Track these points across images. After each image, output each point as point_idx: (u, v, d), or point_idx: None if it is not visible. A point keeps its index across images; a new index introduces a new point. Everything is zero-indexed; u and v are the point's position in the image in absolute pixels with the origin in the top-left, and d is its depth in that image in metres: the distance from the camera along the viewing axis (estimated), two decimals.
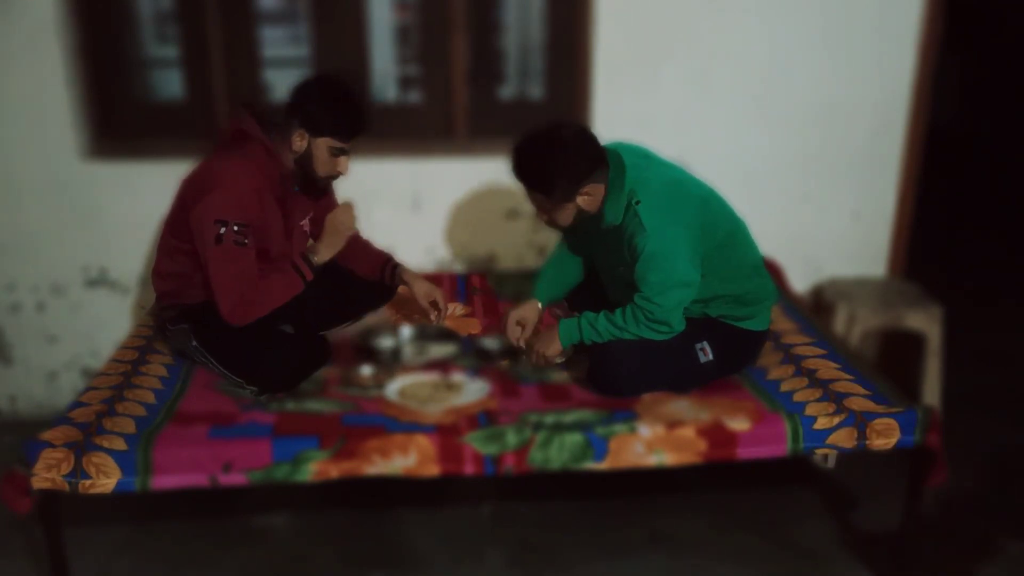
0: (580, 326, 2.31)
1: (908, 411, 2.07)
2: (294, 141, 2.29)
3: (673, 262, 2.20)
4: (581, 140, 2.24)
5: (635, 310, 2.24)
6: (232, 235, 2.20)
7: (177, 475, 1.95)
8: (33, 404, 3.22)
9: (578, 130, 2.28)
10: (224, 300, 2.23)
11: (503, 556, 2.38)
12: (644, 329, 2.24)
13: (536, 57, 3.70)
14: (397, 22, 4.84)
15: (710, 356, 2.29)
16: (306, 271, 2.32)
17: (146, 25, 3.48)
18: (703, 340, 2.29)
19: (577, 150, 2.21)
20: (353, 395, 2.29)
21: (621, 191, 2.23)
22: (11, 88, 2.85)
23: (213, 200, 2.20)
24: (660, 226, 2.19)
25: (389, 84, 4.66)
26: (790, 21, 2.95)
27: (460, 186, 3.07)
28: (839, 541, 2.45)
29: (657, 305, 2.20)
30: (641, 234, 2.19)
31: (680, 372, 2.28)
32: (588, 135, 2.27)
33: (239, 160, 2.27)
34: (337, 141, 2.29)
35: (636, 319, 2.24)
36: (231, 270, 2.22)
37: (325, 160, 2.32)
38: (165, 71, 3.65)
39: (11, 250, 3.02)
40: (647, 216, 2.19)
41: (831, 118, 3.05)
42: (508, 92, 3.81)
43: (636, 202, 2.22)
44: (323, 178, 2.38)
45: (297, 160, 2.33)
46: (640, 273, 2.22)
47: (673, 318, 2.23)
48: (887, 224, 3.17)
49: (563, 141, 2.21)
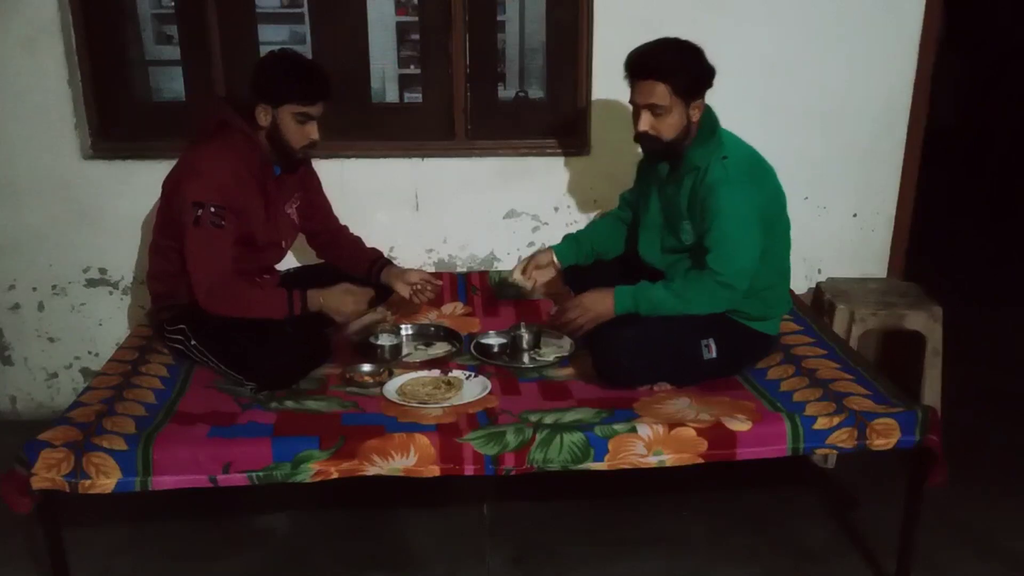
0: (636, 296, 2.29)
1: (908, 411, 2.07)
2: (260, 117, 2.33)
3: (747, 224, 2.22)
4: (703, 54, 2.30)
5: (702, 274, 2.24)
6: (209, 216, 2.24)
7: (177, 475, 1.95)
8: (33, 404, 3.22)
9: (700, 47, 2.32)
10: (199, 279, 2.27)
11: (503, 556, 2.38)
12: (707, 295, 2.24)
13: (536, 57, 3.71)
14: (397, 22, 4.84)
15: (714, 354, 2.29)
16: (297, 306, 2.33)
17: (146, 25, 3.49)
18: (710, 337, 2.29)
19: (703, 58, 2.29)
20: (353, 393, 2.30)
21: (712, 137, 2.29)
22: (12, 88, 2.85)
23: (190, 184, 2.26)
24: (743, 184, 2.22)
25: (389, 84, 4.66)
26: (790, 21, 2.94)
27: (460, 186, 3.06)
28: (839, 541, 2.45)
29: (726, 263, 2.21)
30: (724, 187, 2.20)
31: (683, 366, 2.29)
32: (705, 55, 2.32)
33: (216, 146, 2.33)
34: (298, 106, 2.32)
35: (701, 282, 2.24)
36: (207, 251, 2.26)
37: (293, 129, 2.35)
38: (165, 71, 3.66)
39: (11, 250, 3.02)
40: (734, 170, 2.23)
41: (831, 118, 3.04)
42: (508, 92, 3.81)
43: (724, 157, 2.25)
44: (297, 149, 2.40)
45: (268, 137, 2.37)
46: (713, 232, 2.22)
47: (740, 282, 2.24)
48: (887, 224, 3.17)
49: (693, 46, 2.29)
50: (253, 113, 2.34)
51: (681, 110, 2.27)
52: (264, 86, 2.33)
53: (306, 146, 2.40)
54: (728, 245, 2.21)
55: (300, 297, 2.33)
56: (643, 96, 2.28)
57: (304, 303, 2.34)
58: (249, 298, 2.33)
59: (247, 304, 2.32)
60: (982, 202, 6.07)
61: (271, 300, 2.35)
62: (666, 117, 2.27)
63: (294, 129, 2.35)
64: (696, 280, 2.26)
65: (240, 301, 2.31)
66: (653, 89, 2.26)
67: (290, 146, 2.37)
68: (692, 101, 2.27)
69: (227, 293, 2.30)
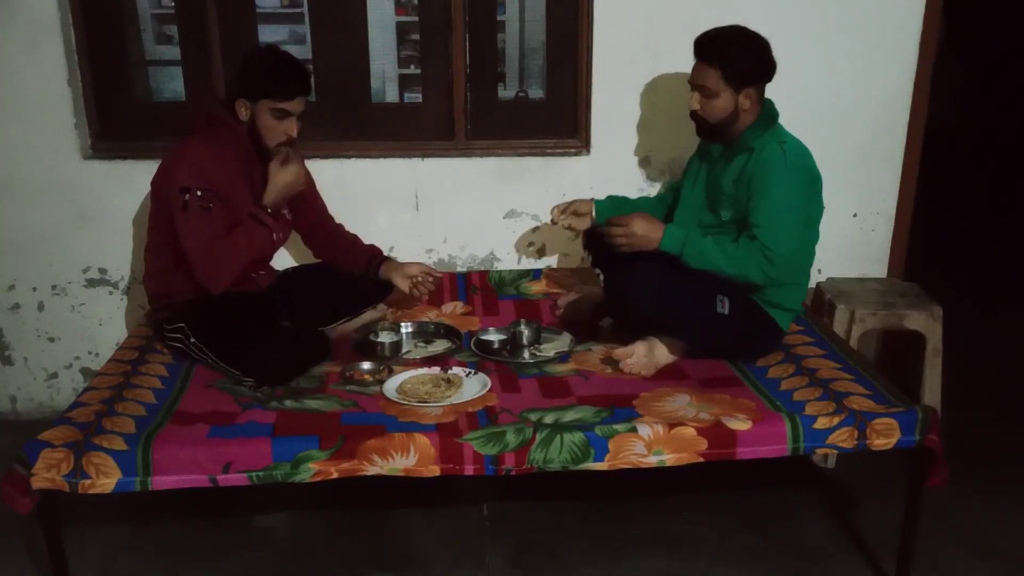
0: (686, 240, 2.34)
1: (908, 411, 2.07)
2: (239, 111, 2.36)
3: (799, 206, 2.30)
4: (768, 48, 2.38)
5: (753, 245, 2.29)
6: (196, 200, 2.26)
7: (177, 475, 1.95)
8: (33, 404, 3.22)
9: (767, 42, 2.40)
10: (198, 264, 2.29)
11: (503, 556, 2.38)
12: (755, 265, 2.29)
13: (536, 57, 3.70)
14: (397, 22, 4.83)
15: (726, 310, 2.33)
16: (265, 218, 2.37)
17: (146, 25, 3.48)
18: (725, 295, 2.34)
19: (765, 52, 2.37)
20: (352, 392, 2.30)
21: (768, 127, 2.37)
22: (12, 88, 2.85)
23: (176, 171, 2.30)
24: (799, 171, 2.30)
25: (389, 84, 4.65)
26: (790, 21, 2.94)
27: (460, 186, 3.06)
28: (839, 541, 2.45)
29: (777, 244, 2.27)
30: (782, 166, 2.27)
31: (696, 313, 2.33)
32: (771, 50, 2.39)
33: (200, 137, 2.36)
34: (275, 102, 2.34)
35: (751, 251, 2.29)
36: (198, 234, 2.28)
37: (271, 125, 2.37)
38: (165, 71, 3.65)
39: (11, 250, 3.02)
40: (793, 156, 2.30)
41: (831, 118, 3.04)
42: (508, 92, 3.81)
43: (783, 142, 2.33)
44: (271, 145, 2.41)
45: (249, 132, 2.39)
46: (765, 209, 2.27)
47: (785, 262, 2.29)
48: (887, 224, 3.17)
49: (757, 38, 2.37)
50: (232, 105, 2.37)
51: (729, 96, 2.35)
52: (243, 81, 2.37)
53: (283, 143, 2.42)
54: (779, 222, 2.28)
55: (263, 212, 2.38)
56: (695, 76, 2.40)
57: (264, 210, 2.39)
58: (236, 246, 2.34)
59: (237, 252, 2.34)
60: (982, 202, 6.07)
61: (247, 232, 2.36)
62: (714, 100, 2.37)
63: (271, 124, 2.37)
64: (746, 246, 2.31)
65: (232, 256, 2.33)
66: (705, 71, 2.37)
67: (264, 141, 2.40)
68: (743, 89, 2.34)
69: (225, 266, 2.32)
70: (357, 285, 2.68)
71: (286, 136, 2.40)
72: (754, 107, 2.39)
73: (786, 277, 2.36)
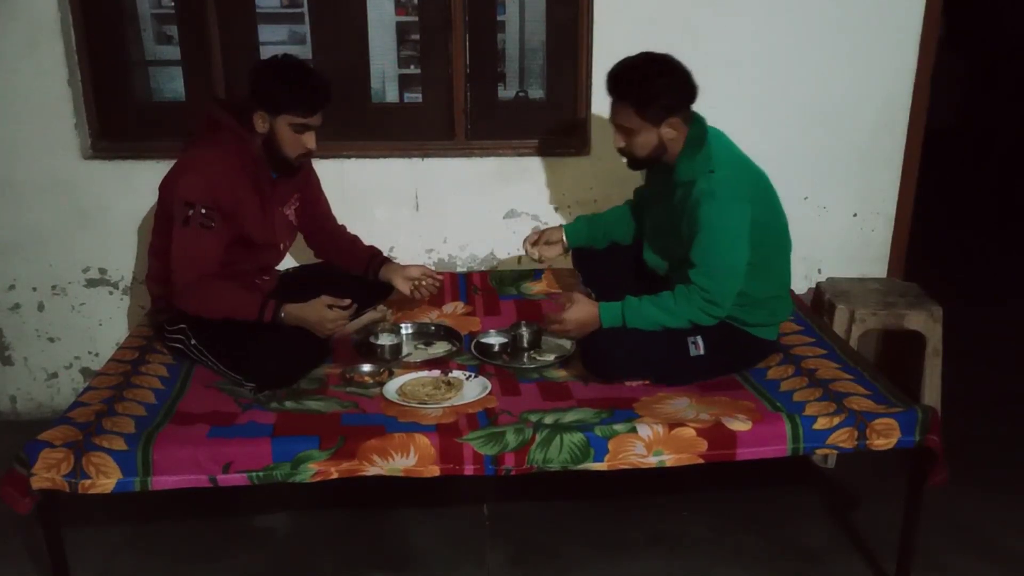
0: (623, 312, 2.28)
1: (908, 411, 2.07)
2: (257, 123, 2.32)
3: (735, 240, 2.21)
4: (683, 72, 2.26)
5: (690, 291, 2.23)
6: (199, 217, 2.24)
7: (177, 475, 1.95)
8: (33, 404, 3.22)
9: (681, 64, 2.28)
10: (179, 278, 2.27)
11: (503, 556, 2.38)
12: (697, 311, 2.23)
13: (536, 57, 3.70)
14: (397, 22, 4.84)
15: (701, 351, 2.29)
16: (268, 312, 2.30)
17: (146, 25, 3.48)
18: (697, 335, 2.29)
19: (679, 77, 2.25)
20: (353, 393, 2.30)
21: (699, 150, 2.25)
22: (12, 88, 2.85)
23: (182, 183, 2.27)
24: (730, 199, 2.19)
25: (389, 84, 4.65)
26: (790, 21, 2.94)
27: (460, 186, 3.06)
28: (839, 541, 2.44)
29: (715, 282, 2.21)
30: (710, 202, 2.18)
31: (669, 361, 2.29)
32: (688, 73, 2.28)
33: (209, 146, 2.33)
34: (296, 117, 2.32)
35: (690, 300, 2.23)
36: (191, 251, 2.26)
37: (290, 138, 2.34)
38: (165, 71, 3.66)
39: (11, 250, 3.02)
40: (720, 186, 2.20)
41: (831, 118, 3.04)
42: (508, 92, 3.81)
43: (710, 171, 2.22)
44: (292, 157, 2.39)
45: (264, 143, 2.36)
46: (701, 245, 2.20)
47: (727, 300, 2.23)
48: (887, 224, 3.17)
49: (669, 64, 2.25)
50: (247, 115, 2.33)
51: (650, 130, 2.26)
52: (263, 94, 2.31)
53: (302, 155, 2.40)
54: (712, 261, 2.21)
55: (274, 308, 2.31)
56: (612, 115, 2.30)
57: (276, 313, 2.31)
58: (220, 299, 2.31)
59: (217, 305, 2.30)
60: (982, 202, 6.07)
61: (242, 303, 2.32)
62: (635, 137, 2.28)
63: (291, 138, 2.34)
64: (684, 296, 2.24)
65: (210, 301, 2.30)
66: (620, 110, 2.28)
67: (285, 154, 2.37)
68: (664, 121, 2.25)
69: (203, 292, 2.29)
70: (357, 286, 2.68)
71: (304, 149, 2.38)
72: (681, 134, 2.27)
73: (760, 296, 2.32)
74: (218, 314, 2.30)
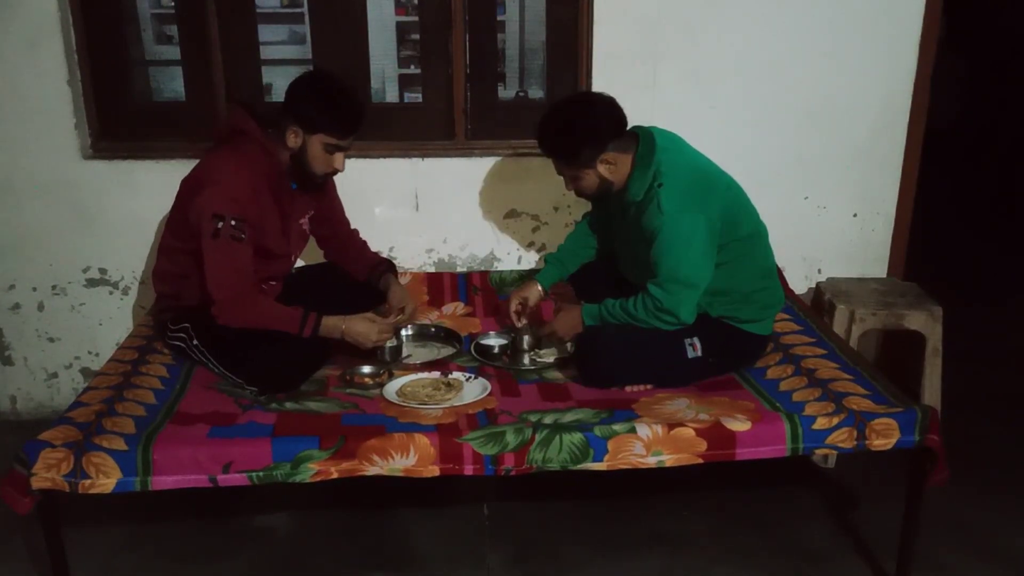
0: (601, 313, 2.34)
1: (908, 411, 2.07)
2: (289, 138, 2.30)
3: (686, 251, 2.21)
4: (602, 108, 2.27)
5: (645, 299, 2.26)
6: (229, 230, 2.21)
7: (177, 475, 1.95)
8: (33, 404, 3.22)
9: (601, 99, 2.30)
10: (218, 294, 2.24)
11: (503, 556, 2.38)
12: (653, 319, 2.25)
13: (536, 57, 3.70)
14: (397, 22, 4.83)
15: (699, 352, 2.30)
16: (308, 328, 2.30)
17: (146, 25, 3.48)
18: (693, 336, 2.30)
19: (595, 119, 2.26)
20: (353, 395, 2.30)
21: (648, 168, 2.26)
22: (12, 88, 2.85)
23: (210, 195, 2.22)
24: (678, 211, 2.20)
25: (389, 84, 4.65)
26: (790, 21, 2.94)
27: (460, 186, 3.06)
28: (839, 541, 2.45)
29: (666, 294, 2.22)
30: (658, 217, 2.20)
31: (666, 365, 2.30)
32: (610, 105, 2.28)
33: (234, 156, 2.29)
34: (331, 138, 2.30)
35: (646, 308, 2.26)
36: (227, 265, 2.24)
37: (320, 157, 2.33)
38: (165, 71, 3.66)
39: (11, 250, 3.02)
40: (667, 200, 2.21)
41: (831, 117, 3.04)
42: (508, 92, 3.81)
43: (659, 184, 2.23)
44: (320, 175, 2.38)
45: (293, 157, 2.34)
46: (654, 258, 2.24)
47: (682, 310, 2.24)
48: (887, 224, 3.17)
49: (584, 109, 2.28)
50: (277, 126, 2.30)
51: (588, 173, 2.30)
52: (301, 110, 2.27)
53: (328, 173, 2.39)
54: (663, 274, 2.23)
55: (315, 320, 2.31)
56: (554, 166, 2.37)
57: (317, 326, 2.31)
58: (260, 315, 2.29)
59: (257, 321, 2.29)
60: (982, 202, 6.08)
61: (283, 318, 2.30)
62: (579, 182, 2.34)
63: (322, 157, 2.32)
64: (642, 304, 2.27)
65: (255, 315, 2.29)
66: (555, 163, 2.35)
67: (313, 172, 2.35)
68: (597, 159, 2.27)
69: (244, 307, 2.27)
70: (359, 289, 2.67)
71: (332, 169, 2.36)
72: (622, 163, 2.29)
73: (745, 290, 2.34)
74: (259, 327, 2.29)
